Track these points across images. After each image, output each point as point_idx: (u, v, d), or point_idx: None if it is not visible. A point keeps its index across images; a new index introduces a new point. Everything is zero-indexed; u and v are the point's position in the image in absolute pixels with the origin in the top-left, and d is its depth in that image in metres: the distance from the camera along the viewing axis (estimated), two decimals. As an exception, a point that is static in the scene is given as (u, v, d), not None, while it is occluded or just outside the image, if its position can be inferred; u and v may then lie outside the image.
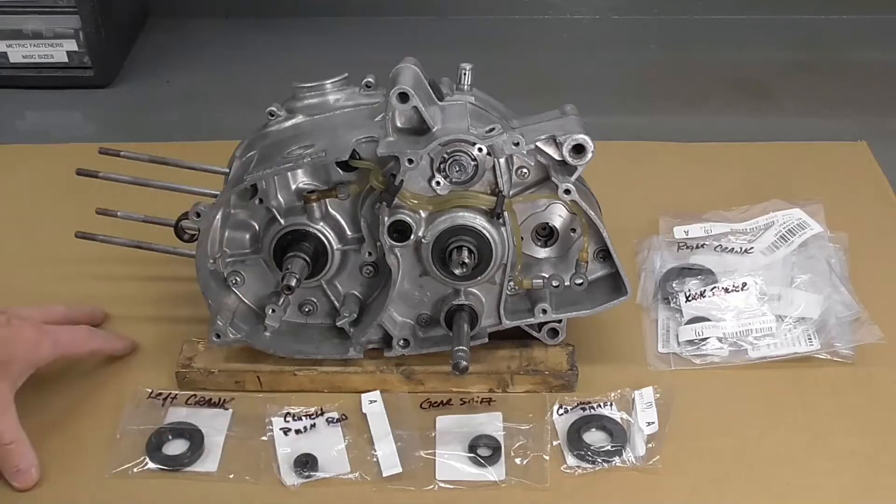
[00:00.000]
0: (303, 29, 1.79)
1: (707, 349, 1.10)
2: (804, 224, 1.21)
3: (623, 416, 1.03)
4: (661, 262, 1.20)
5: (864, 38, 1.75)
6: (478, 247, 1.00)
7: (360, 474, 0.99)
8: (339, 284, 1.09)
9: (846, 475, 0.98)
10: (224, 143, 1.15)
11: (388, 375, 1.07)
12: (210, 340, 1.07)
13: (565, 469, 0.99)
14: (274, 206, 1.04)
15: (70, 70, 1.63)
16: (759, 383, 1.07)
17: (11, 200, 1.39)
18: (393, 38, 1.74)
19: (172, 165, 1.14)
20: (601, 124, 1.08)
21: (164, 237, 1.12)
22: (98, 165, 1.14)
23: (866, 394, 1.06)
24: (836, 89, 1.61)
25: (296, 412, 1.04)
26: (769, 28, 1.78)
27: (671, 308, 1.15)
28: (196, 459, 1.00)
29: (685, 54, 1.72)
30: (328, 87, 1.06)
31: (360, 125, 1.02)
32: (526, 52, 1.74)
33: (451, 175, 0.99)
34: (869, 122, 1.51)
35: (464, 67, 1.03)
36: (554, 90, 1.58)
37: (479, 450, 1.00)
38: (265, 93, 1.10)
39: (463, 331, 1.02)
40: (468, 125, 0.99)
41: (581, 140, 0.99)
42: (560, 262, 1.08)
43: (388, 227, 1.00)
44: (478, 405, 1.05)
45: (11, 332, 0.99)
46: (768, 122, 1.54)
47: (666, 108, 1.59)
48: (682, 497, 0.97)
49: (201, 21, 1.82)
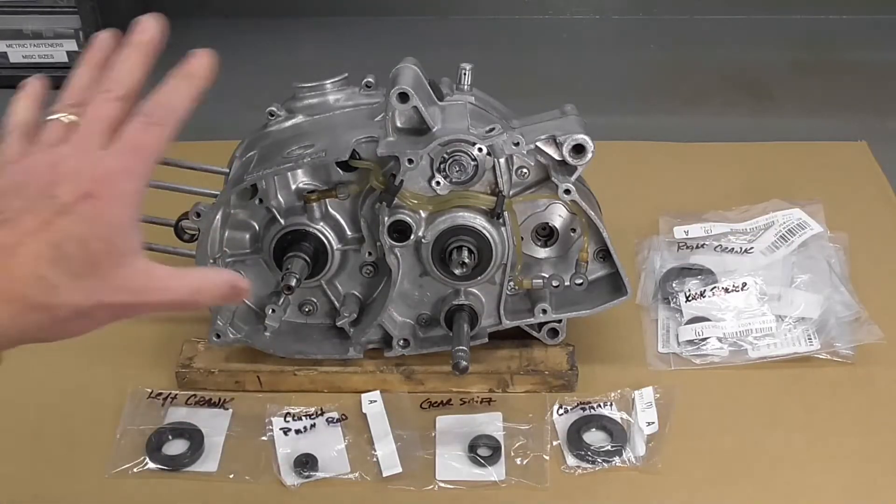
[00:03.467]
0: (303, 29, 1.79)
1: (707, 349, 1.10)
2: (804, 224, 1.21)
3: (623, 416, 1.03)
4: (661, 262, 1.20)
5: (864, 38, 1.75)
6: (478, 247, 1.00)
7: (360, 474, 0.99)
8: (339, 284, 1.09)
9: (846, 475, 0.98)
10: (224, 143, 1.15)
11: (388, 375, 1.07)
12: (210, 340, 1.07)
13: (565, 469, 0.99)
14: (274, 206, 1.04)
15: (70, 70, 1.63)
16: (759, 383, 1.07)
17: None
18: (393, 38, 1.74)
19: (172, 165, 1.14)
20: (601, 124, 1.08)
21: (164, 237, 1.11)
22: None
23: (866, 394, 1.06)
24: (836, 89, 1.61)
25: (296, 412, 1.04)
26: (769, 28, 1.78)
27: (671, 308, 1.15)
28: (196, 459, 1.01)
29: (685, 54, 1.72)
30: (328, 87, 1.06)
31: (360, 125, 1.02)
32: (526, 52, 1.74)
33: (451, 175, 0.99)
34: (869, 122, 1.51)
35: (464, 67, 1.03)
36: (554, 90, 1.58)
37: (479, 450, 1.00)
38: (265, 93, 1.10)
39: (463, 331, 1.02)
40: (468, 125, 0.99)
41: (581, 140, 0.99)
42: (560, 262, 1.08)
43: (388, 227, 1.00)
44: (478, 405, 1.05)
45: (80, 218, 0.64)
46: (768, 122, 1.54)
47: (666, 108, 1.59)
48: (682, 497, 0.97)
49: (201, 21, 1.81)
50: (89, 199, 0.64)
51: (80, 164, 0.65)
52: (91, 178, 0.65)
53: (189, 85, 0.72)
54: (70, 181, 0.64)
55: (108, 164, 0.66)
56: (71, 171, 0.65)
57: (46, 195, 0.63)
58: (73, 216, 0.63)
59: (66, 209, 0.63)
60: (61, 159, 0.65)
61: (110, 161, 0.66)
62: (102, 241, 0.64)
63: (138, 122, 0.68)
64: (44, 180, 0.64)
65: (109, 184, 0.65)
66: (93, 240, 0.64)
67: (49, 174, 0.65)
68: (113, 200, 0.65)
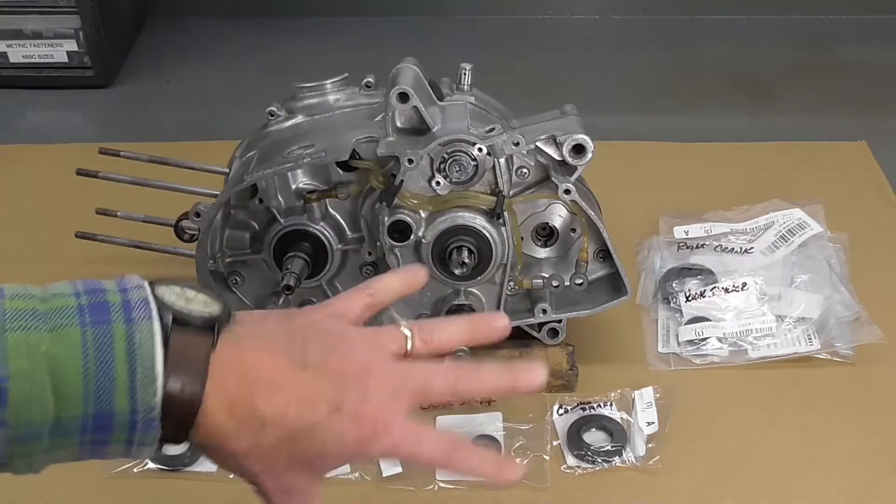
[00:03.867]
0: (303, 29, 1.79)
1: (707, 349, 1.10)
2: (804, 224, 1.21)
3: (623, 416, 1.03)
4: (661, 262, 1.20)
5: (864, 38, 1.75)
6: (478, 247, 1.00)
7: (360, 474, 0.99)
8: (339, 284, 1.09)
9: (846, 475, 0.98)
10: (224, 143, 1.15)
11: (388, 375, 1.07)
12: (210, 340, 1.06)
13: (565, 469, 0.99)
14: (274, 206, 1.04)
15: (70, 70, 1.63)
16: (759, 383, 1.07)
17: (11, 200, 1.39)
18: (393, 38, 1.74)
19: (172, 165, 1.14)
20: (601, 124, 1.08)
21: (164, 237, 1.12)
22: (98, 165, 1.14)
23: (866, 394, 1.06)
24: (836, 89, 1.61)
25: (296, 412, 1.04)
26: (769, 28, 1.78)
27: (671, 308, 1.15)
28: (196, 459, 1.00)
29: (685, 54, 1.72)
30: (328, 87, 1.06)
31: (359, 125, 1.02)
32: (526, 52, 1.74)
33: (451, 175, 0.99)
34: (869, 122, 1.51)
35: (464, 67, 1.03)
36: (554, 90, 1.57)
37: (479, 450, 1.00)
38: (265, 93, 1.10)
39: (463, 331, 1.02)
40: (468, 125, 0.99)
41: (581, 140, 0.99)
42: (560, 262, 1.08)
43: (388, 227, 1.00)
44: (478, 405, 1.05)
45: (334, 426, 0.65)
46: (768, 122, 1.54)
47: (666, 108, 1.59)
48: (682, 497, 0.97)
49: (201, 21, 1.81)
50: (355, 423, 0.65)
51: (380, 397, 0.66)
52: (374, 415, 0.65)
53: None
54: (362, 398, 0.65)
55: (394, 422, 0.66)
56: (370, 392, 0.66)
57: (340, 387, 0.65)
58: (333, 420, 0.64)
59: (337, 411, 0.64)
60: (376, 375, 0.66)
61: (397, 424, 0.66)
62: (321, 456, 0.66)
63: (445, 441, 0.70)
64: (351, 372, 0.66)
65: (376, 432, 0.66)
66: (320, 448, 0.65)
67: (357, 372, 0.66)
68: (362, 444, 0.66)
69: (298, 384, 0.64)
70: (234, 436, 0.64)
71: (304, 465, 0.66)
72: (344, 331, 0.69)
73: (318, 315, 0.70)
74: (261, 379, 0.64)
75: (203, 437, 0.64)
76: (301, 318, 0.69)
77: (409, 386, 0.68)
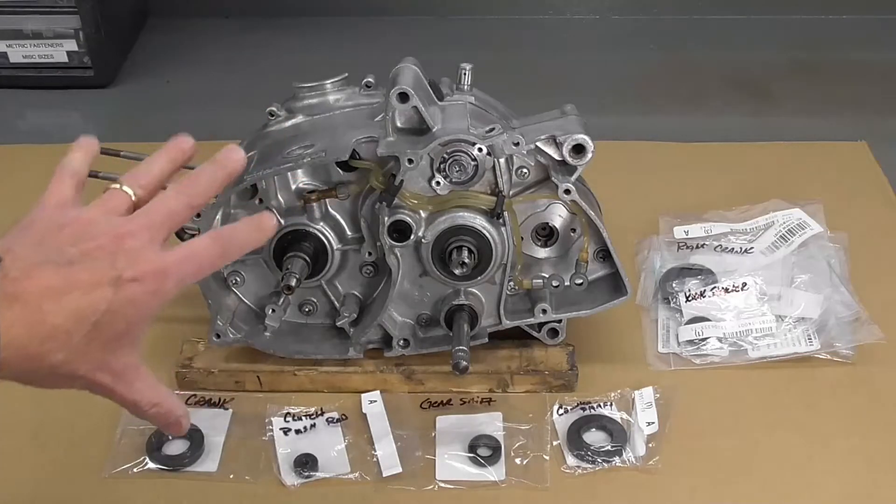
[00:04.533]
0: (303, 29, 1.79)
1: (707, 349, 1.10)
2: (804, 224, 1.21)
3: (623, 416, 1.03)
4: (661, 262, 1.20)
5: (864, 38, 1.75)
6: (478, 247, 1.00)
7: (360, 474, 0.99)
8: (339, 284, 1.09)
9: (846, 475, 0.98)
10: (224, 143, 1.14)
11: (388, 375, 1.07)
12: (210, 340, 1.07)
13: (565, 469, 0.99)
14: (274, 206, 1.04)
15: (70, 70, 1.63)
16: (759, 383, 1.07)
17: (11, 200, 1.38)
18: (393, 38, 1.74)
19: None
20: (601, 124, 1.08)
21: (164, 237, 1.11)
22: (98, 165, 1.14)
23: (866, 394, 1.06)
24: (836, 89, 1.61)
25: (296, 412, 1.04)
26: (769, 28, 1.78)
27: (671, 308, 1.15)
28: (196, 459, 1.01)
29: (685, 54, 1.72)
30: (328, 87, 1.06)
31: (360, 125, 1.02)
32: (526, 52, 1.74)
33: (451, 175, 0.99)
34: (869, 122, 1.51)
35: (464, 67, 1.03)
36: (554, 90, 1.58)
37: (479, 450, 1.00)
38: (265, 93, 1.10)
39: (463, 331, 1.02)
40: (468, 125, 0.99)
41: (581, 140, 0.99)
42: (560, 262, 1.08)
43: (388, 227, 1.00)
44: (478, 405, 1.05)
45: (123, 296, 0.69)
46: (768, 122, 1.54)
47: (666, 108, 1.59)
48: (682, 497, 0.97)
49: (201, 21, 1.82)
50: (139, 284, 0.68)
51: (144, 250, 0.70)
52: (149, 268, 0.69)
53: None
54: (131, 261, 0.68)
55: (166, 261, 0.70)
56: (133, 252, 0.69)
57: (108, 262, 0.68)
58: (120, 292, 0.68)
59: (118, 283, 0.68)
60: (127, 235, 0.70)
61: (169, 261, 0.70)
62: (128, 326, 0.69)
63: (209, 238, 0.74)
64: (108, 247, 0.69)
65: (159, 280, 0.69)
66: (123, 321, 0.68)
67: (113, 244, 0.69)
68: (155, 295, 0.69)
69: (73, 280, 0.67)
70: (46, 354, 0.66)
71: (120, 341, 0.69)
72: (76, 216, 0.72)
73: (45, 214, 0.73)
74: (43, 295, 0.66)
75: (17, 369, 0.66)
76: (36, 226, 0.72)
77: (156, 225, 0.71)
